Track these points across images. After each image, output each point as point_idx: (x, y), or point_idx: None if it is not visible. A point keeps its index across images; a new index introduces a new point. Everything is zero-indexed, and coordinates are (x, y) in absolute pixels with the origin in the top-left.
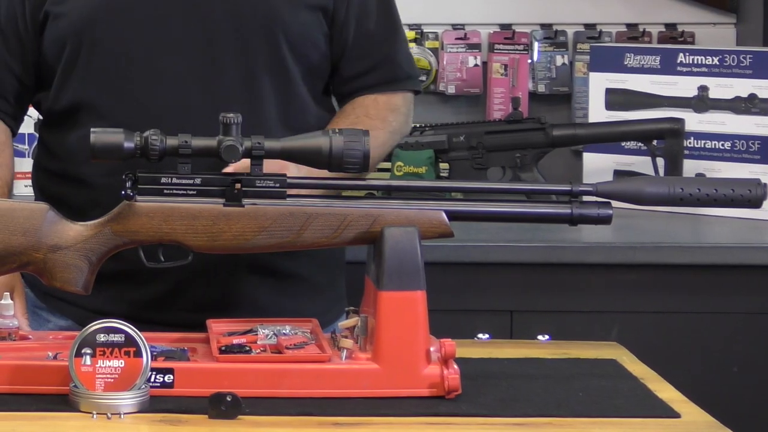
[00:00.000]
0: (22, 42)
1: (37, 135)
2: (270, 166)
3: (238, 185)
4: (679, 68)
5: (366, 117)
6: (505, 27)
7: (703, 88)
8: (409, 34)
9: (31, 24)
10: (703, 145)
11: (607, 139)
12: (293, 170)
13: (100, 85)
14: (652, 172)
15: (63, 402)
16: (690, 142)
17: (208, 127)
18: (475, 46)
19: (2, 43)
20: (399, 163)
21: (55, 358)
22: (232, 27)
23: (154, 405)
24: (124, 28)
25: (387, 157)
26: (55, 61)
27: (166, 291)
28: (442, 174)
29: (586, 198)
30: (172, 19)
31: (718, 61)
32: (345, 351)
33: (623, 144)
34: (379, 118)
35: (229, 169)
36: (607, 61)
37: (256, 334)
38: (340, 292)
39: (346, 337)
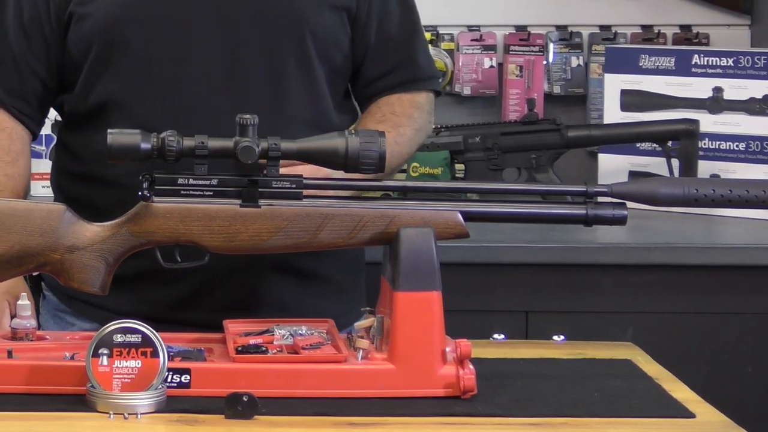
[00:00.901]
0: (47, 43)
1: (56, 137)
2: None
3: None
4: (693, 69)
5: (392, 114)
6: (521, 28)
7: (717, 90)
8: (425, 36)
9: (55, 25)
10: (717, 146)
11: (622, 140)
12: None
13: (126, 86)
14: (666, 173)
15: (80, 402)
16: (705, 143)
17: (232, 129)
18: (490, 48)
19: (26, 44)
20: (415, 164)
21: (72, 358)
22: (258, 28)
23: (170, 405)
24: (149, 29)
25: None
26: (80, 62)
27: (190, 292)
28: (457, 175)
29: (601, 199)
30: (197, 20)
31: (733, 62)
32: (361, 351)
33: (638, 145)
34: (405, 116)
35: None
36: (622, 62)
37: (273, 335)
38: (360, 294)
39: (362, 337)
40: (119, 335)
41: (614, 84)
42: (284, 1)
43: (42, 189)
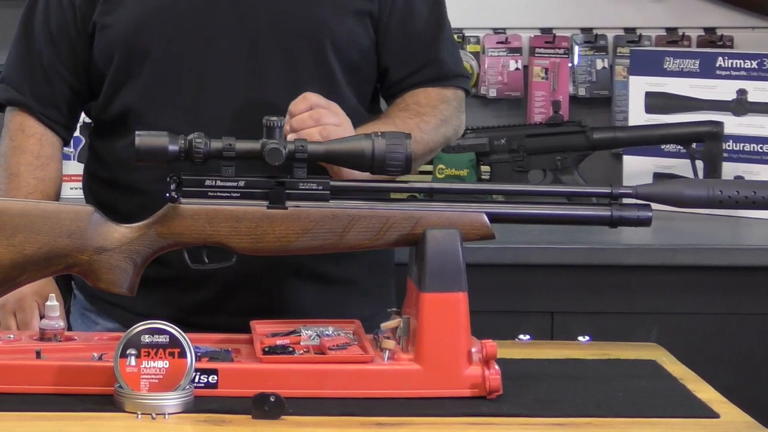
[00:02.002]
0: (74, 50)
1: (87, 142)
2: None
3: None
4: (718, 72)
5: (416, 105)
6: (546, 31)
7: (741, 92)
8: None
9: (82, 32)
10: (741, 148)
11: (647, 142)
12: None
13: (146, 95)
14: (691, 175)
15: (108, 402)
16: (729, 145)
17: (255, 136)
18: (516, 50)
19: (54, 53)
20: (441, 166)
21: (100, 359)
22: (278, 35)
23: (198, 405)
24: (170, 39)
25: (429, 161)
26: (104, 70)
27: (213, 295)
28: (483, 176)
29: (626, 200)
30: (218, 29)
31: (757, 64)
32: (387, 352)
33: (663, 147)
34: (429, 106)
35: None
36: (647, 64)
37: (300, 335)
38: (389, 296)
39: (388, 338)
40: (147, 336)
41: (639, 86)
42: (305, 9)
43: (70, 191)
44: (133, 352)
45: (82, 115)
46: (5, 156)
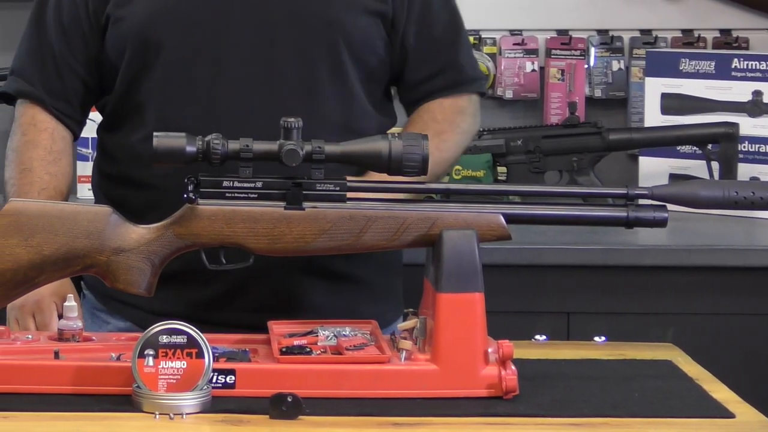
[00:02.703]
0: (86, 43)
1: (97, 137)
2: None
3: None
4: (733, 73)
5: (433, 122)
6: (562, 32)
7: (757, 93)
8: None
9: (95, 26)
10: (757, 149)
11: (663, 143)
12: None
13: (160, 88)
14: (707, 176)
15: (126, 402)
16: (744, 146)
17: (268, 131)
18: (532, 52)
19: (66, 46)
20: (457, 167)
21: (118, 359)
22: (292, 32)
23: (215, 405)
24: (184, 33)
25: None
26: (116, 64)
27: (223, 292)
28: (499, 177)
29: (641, 201)
30: (232, 23)
31: None
32: (404, 352)
33: (678, 148)
34: (446, 122)
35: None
36: (663, 66)
37: (317, 336)
38: (397, 295)
39: (405, 338)
40: (165, 336)
41: (655, 87)
42: (319, 5)
43: (88, 191)
44: (151, 352)
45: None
46: (17, 150)
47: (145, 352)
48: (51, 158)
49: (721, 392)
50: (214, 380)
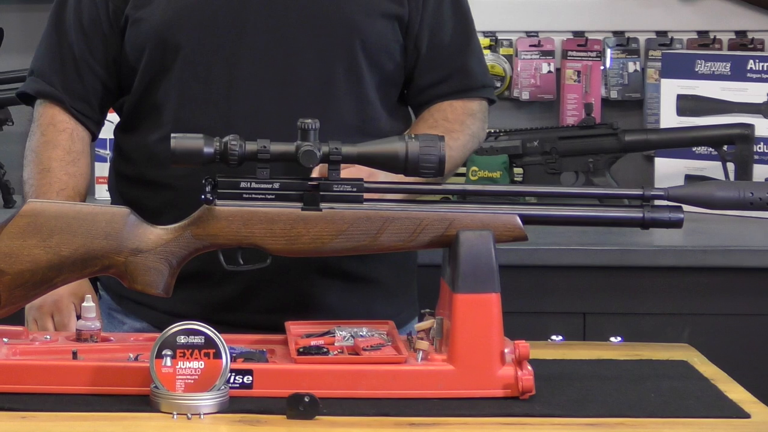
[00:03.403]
0: (106, 44)
1: (114, 139)
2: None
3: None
4: (749, 75)
5: (444, 121)
6: (578, 34)
7: None
8: (484, 41)
9: (115, 27)
10: None
11: (679, 144)
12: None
13: (177, 90)
14: (722, 177)
15: (144, 403)
16: (760, 148)
17: (284, 133)
18: (548, 53)
19: (86, 47)
20: (474, 168)
21: (136, 359)
22: (310, 35)
23: (233, 405)
24: (203, 34)
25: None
26: (135, 64)
27: (239, 293)
28: (516, 179)
29: (657, 202)
30: (249, 25)
31: None
32: (421, 352)
33: (694, 149)
34: (457, 122)
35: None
36: (679, 67)
37: (334, 336)
38: (412, 295)
39: (422, 338)
40: (182, 337)
41: (670, 89)
42: (336, 8)
43: (106, 192)
44: (169, 352)
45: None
46: (36, 151)
47: (163, 353)
48: (70, 159)
49: (736, 392)
50: (231, 380)
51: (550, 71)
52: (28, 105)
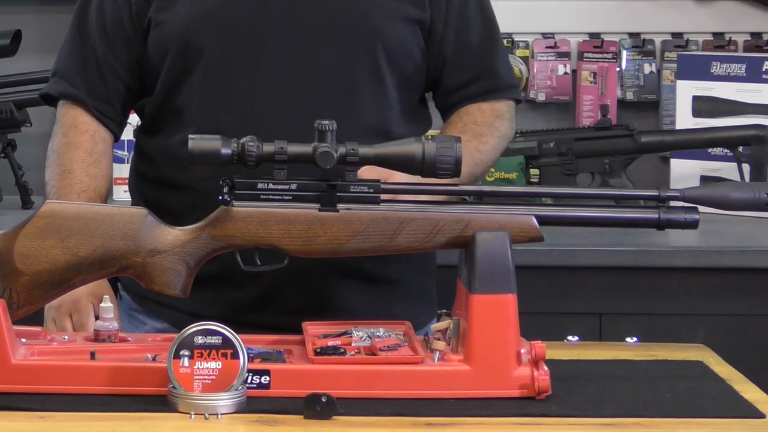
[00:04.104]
0: (129, 46)
1: (135, 141)
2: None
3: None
4: (764, 76)
5: (473, 125)
6: (594, 36)
7: None
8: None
9: (138, 29)
10: None
11: (694, 145)
12: (398, 177)
13: (200, 92)
14: (737, 178)
15: (161, 403)
16: None
17: (306, 135)
18: (564, 55)
19: (109, 48)
20: (491, 169)
21: (153, 359)
22: (331, 38)
23: (250, 405)
24: (225, 37)
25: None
26: (158, 66)
27: (260, 294)
28: (532, 180)
29: (673, 203)
30: (272, 28)
31: None
32: (437, 353)
33: (709, 150)
34: (486, 125)
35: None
36: (694, 69)
37: (351, 337)
38: (431, 296)
39: (438, 339)
40: (200, 337)
41: (686, 90)
42: (358, 12)
43: (124, 194)
44: (187, 353)
45: (137, 118)
46: (58, 152)
47: (181, 353)
48: (91, 160)
49: (751, 392)
50: (249, 381)
51: (566, 73)
52: (50, 106)
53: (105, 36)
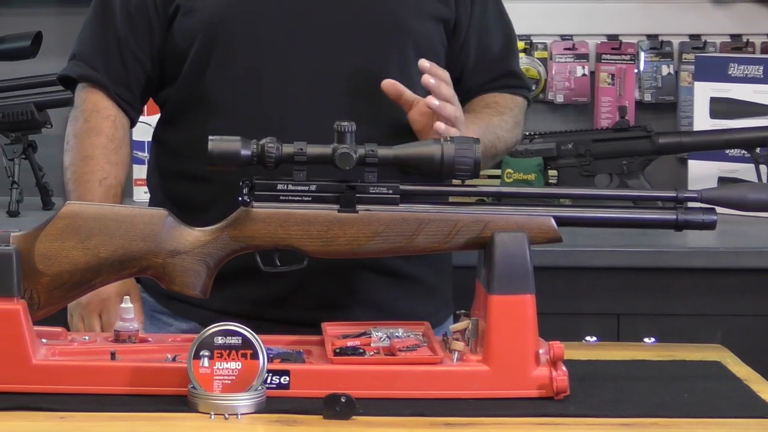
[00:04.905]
0: (152, 32)
1: (153, 137)
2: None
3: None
4: None
5: (495, 104)
6: (612, 38)
7: None
8: (519, 45)
9: (162, 15)
10: None
11: (712, 146)
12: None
13: (226, 83)
14: (755, 179)
15: (181, 403)
16: None
17: (331, 133)
18: (583, 56)
19: (131, 34)
20: (509, 170)
21: (174, 360)
22: (361, 34)
23: (270, 406)
24: (253, 29)
25: (497, 165)
26: (184, 54)
27: (287, 290)
28: (550, 181)
29: (690, 204)
30: (300, 22)
31: None
32: (456, 353)
33: (727, 151)
34: (507, 108)
35: None
36: (712, 70)
37: (370, 337)
38: (448, 295)
39: (457, 339)
40: (220, 337)
41: (704, 92)
42: (388, 9)
43: (144, 195)
44: (207, 353)
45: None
46: (78, 137)
47: (201, 353)
48: (113, 146)
49: None
50: (268, 381)
51: (584, 74)
52: (67, 89)
53: (128, 20)
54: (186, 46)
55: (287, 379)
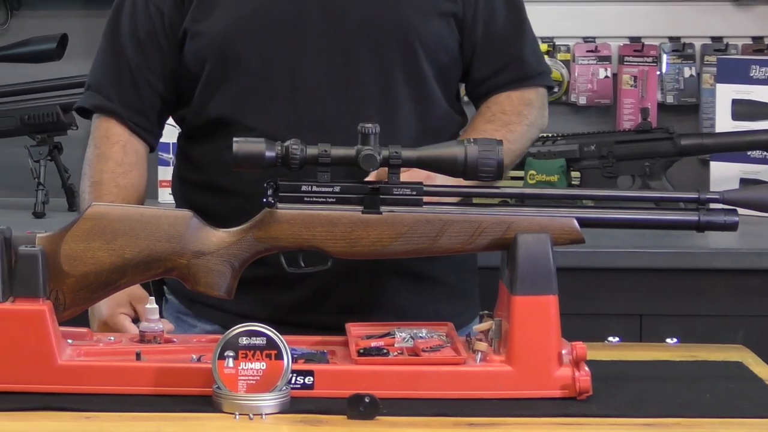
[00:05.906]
0: (163, 57)
1: (177, 147)
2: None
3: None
4: None
5: (501, 113)
6: (635, 40)
7: None
8: (542, 47)
9: (172, 40)
10: None
11: (734, 148)
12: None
13: (240, 100)
14: None
15: (206, 403)
16: None
17: (347, 138)
18: (605, 59)
19: (143, 61)
20: (532, 172)
21: (198, 360)
22: (368, 39)
23: (294, 406)
24: (262, 44)
25: (520, 166)
26: (196, 77)
27: (309, 294)
28: (573, 182)
29: (713, 205)
30: (309, 33)
31: None
32: (479, 353)
33: (749, 153)
34: (514, 113)
35: (371, 177)
36: (734, 72)
37: (394, 338)
38: (473, 296)
39: (480, 340)
40: (245, 338)
41: (726, 94)
42: (393, 10)
43: (169, 196)
44: (231, 353)
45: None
46: (90, 164)
47: (225, 354)
48: (121, 171)
49: None
50: (292, 381)
51: (606, 76)
52: (85, 119)
53: (138, 47)
54: (197, 68)
55: (311, 379)
